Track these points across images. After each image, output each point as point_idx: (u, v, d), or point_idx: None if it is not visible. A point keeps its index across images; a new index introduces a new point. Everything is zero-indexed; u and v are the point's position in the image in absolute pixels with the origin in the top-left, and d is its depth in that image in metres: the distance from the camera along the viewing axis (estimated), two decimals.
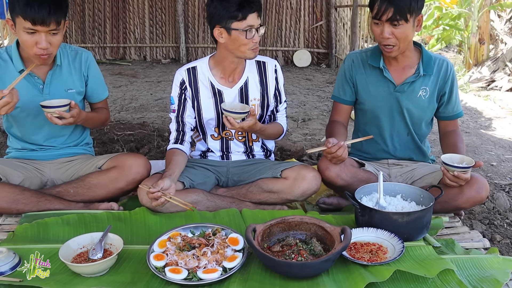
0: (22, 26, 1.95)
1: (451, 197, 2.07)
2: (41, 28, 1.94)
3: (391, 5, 2.02)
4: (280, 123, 2.39)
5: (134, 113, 4.79)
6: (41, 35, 1.96)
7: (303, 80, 6.81)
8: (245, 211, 2.12)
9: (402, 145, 2.34)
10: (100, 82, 2.38)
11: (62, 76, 2.22)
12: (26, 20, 1.92)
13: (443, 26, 8.65)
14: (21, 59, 2.13)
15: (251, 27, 2.06)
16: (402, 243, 1.74)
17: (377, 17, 2.07)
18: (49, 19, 1.93)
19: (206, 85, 2.25)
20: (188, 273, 1.57)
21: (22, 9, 1.91)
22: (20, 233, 1.90)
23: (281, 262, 1.58)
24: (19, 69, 2.12)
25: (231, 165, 2.36)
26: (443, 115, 2.31)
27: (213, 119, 2.29)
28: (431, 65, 2.22)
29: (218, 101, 2.26)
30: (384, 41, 2.10)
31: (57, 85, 2.20)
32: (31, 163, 2.26)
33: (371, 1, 2.10)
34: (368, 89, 2.29)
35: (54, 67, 2.18)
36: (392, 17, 2.03)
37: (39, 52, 2.00)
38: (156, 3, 8.16)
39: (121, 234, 1.79)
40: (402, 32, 2.07)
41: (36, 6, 1.90)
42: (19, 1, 1.91)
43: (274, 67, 2.33)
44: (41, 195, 2.12)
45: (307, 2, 7.96)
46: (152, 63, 8.13)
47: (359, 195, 1.97)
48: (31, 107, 2.16)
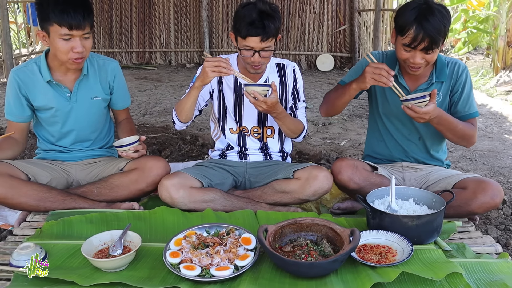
0: (58, 34, 2.07)
1: (464, 202, 2.08)
2: (77, 33, 2.08)
3: (427, 35, 1.98)
4: (300, 119, 2.45)
5: (158, 117, 4.91)
6: (76, 40, 2.10)
7: (326, 84, 6.83)
8: (259, 212, 2.19)
9: (413, 149, 2.36)
10: (124, 91, 2.51)
11: (89, 84, 2.34)
12: (62, 26, 2.05)
13: (470, 29, 8.52)
14: (48, 69, 2.25)
15: (250, 48, 2.14)
16: (411, 246, 1.77)
17: (411, 46, 2.03)
18: (84, 23, 2.08)
19: (231, 76, 2.36)
20: (201, 270, 1.64)
21: (58, 16, 2.04)
22: (46, 229, 2.01)
23: (290, 261, 1.64)
24: (46, 79, 2.25)
25: (248, 166, 2.44)
26: (455, 115, 2.25)
27: (232, 106, 2.39)
28: (444, 71, 2.22)
29: (238, 93, 2.37)
30: (414, 65, 2.09)
31: (84, 93, 2.33)
32: (58, 164, 2.39)
33: (402, 24, 2.04)
34: (383, 92, 2.32)
35: (81, 76, 2.30)
36: (428, 47, 2.01)
37: (75, 56, 2.12)
38: (181, 9, 8.32)
39: (140, 232, 1.88)
40: (432, 56, 2.08)
41: (72, 12, 2.04)
42: (54, 10, 2.04)
43: (292, 67, 2.43)
44: (66, 194, 2.24)
45: (330, 7, 7.97)
46: (177, 67, 8.29)
47: (371, 198, 2.01)
48: (60, 114, 2.31)
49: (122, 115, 2.56)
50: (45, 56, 2.26)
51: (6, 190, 2.09)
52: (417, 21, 1.98)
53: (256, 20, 2.08)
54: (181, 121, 2.31)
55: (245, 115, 2.40)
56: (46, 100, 2.28)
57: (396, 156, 2.40)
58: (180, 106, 2.27)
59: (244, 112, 2.39)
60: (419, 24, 1.97)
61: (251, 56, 2.16)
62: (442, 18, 1.99)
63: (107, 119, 2.51)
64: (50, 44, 2.14)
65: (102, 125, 2.47)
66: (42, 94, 2.27)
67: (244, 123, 2.41)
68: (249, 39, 2.12)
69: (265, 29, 2.10)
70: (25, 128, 2.37)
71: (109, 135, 2.55)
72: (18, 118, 2.31)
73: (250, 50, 2.15)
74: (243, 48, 2.16)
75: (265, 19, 2.09)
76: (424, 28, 1.97)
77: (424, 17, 1.97)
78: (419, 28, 1.97)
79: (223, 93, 2.39)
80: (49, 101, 2.28)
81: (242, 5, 2.17)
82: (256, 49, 2.14)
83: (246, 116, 2.40)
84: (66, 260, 1.79)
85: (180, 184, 2.16)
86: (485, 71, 7.55)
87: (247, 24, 2.09)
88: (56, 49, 2.13)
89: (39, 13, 2.10)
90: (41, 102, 2.28)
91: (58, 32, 2.07)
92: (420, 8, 2.01)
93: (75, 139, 2.39)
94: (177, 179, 2.18)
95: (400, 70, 2.26)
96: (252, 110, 2.37)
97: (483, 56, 9.67)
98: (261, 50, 2.15)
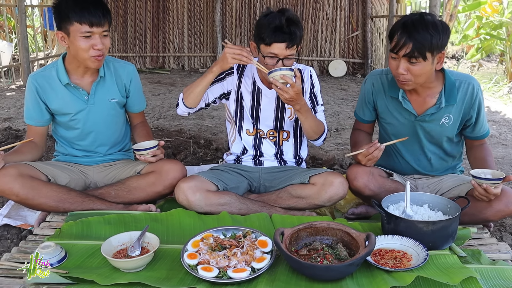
0: (79, 32, 2.11)
1: (479, 209, 2.08)
2: (97, 30, 2.12)
3: (410, 40, 1.93)
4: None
5: (172, 121, 4.96)
6: (96, 37, 2.14)
7: (338, 90, 6.84)
8: (274, 216, 2.21)
9: (424, 166, 2.35)
10: (140, 95, 2.55)
11: (105, 87, 2.38)
12: (83, 24, 2.10)
13: (484, 36, 8.48)
14: (66, 72, 2.29)
15: (275, 55, 2.14)
16: (426, 251, 1.78)
17: (394, 50, 2.00)
18: (104, 19, 2.14)
19: (249, 79, 2.39)
20: (219, 271, 1.66)
21: (78, 14, 2.09)
22: (66, 230, 2.05)
23: (307, 264, 1.66)
24: (64, 82, 2.29)
25: (263, 171, 2.46)
26: (470, 136, 2.27)
27: (249, 108, 2.41)
28: (454, 93, 2.14)
29: (255, 96, 2.39)
30: (398, 76, 2.05)
31: (101, 95, 2.37)
32: (76, 166, 2.44)
33: (391, 32, 2.04)
34: (390, 113, 2.29)
35: (98, 78, 2.34)
36: (410, 53, 1.95)
37: (95, 53, 2.16)
38: (195, 14, 8.41)
39: (157, 233, 1.91)
40: (418, 69, 1.99)
41: (92, 9, 2.10)
42: (74, 8, 2.09)
43: (309, 72, 2.44)
44: (85, 195, 2.28)
45: (343, 13, 8.00)
46: (190, 72, 8.36)
47: (386, 203, 2.02)
48: (78, 117, 2.36)
49: (137, 119, 2.60)
50: (62, 60, 2.31)
51: (27, 191, 2.13)
52: (403, 26, 1.97)
53: (283, 26, 2.09)
54: (186, 105, 2.31)
55: (262, 118, 2.42)
56: (64, 104, 2.32)
57: (408, 172, 2.38)
58: (190, 88, 2.28)
59: (261, 116, 2.42)
60: (405, 29, 1.96)
61: (274, 64, 2.16)
62: (433, 30, 1.93)
63: (124, 122, 2.55)
64: (70, 44, 2.17)
65: (120, 128, 2.51)
66: (60, 98, 2.31)
67: (260, 126, 2.44)
68: (274, 46, 2.12)
69: (292, 36, 2.11)
70: (44, 132, 2.42)
71: (126, 138, 2.59)
72: (37, 122, 2.36)
73: (274, 57, 2.15)
74: (267, 55, 2.15)
75: (291, 25, 2.11)
76: (409, 33, 1.94)
77: (411, 24, 1.96)
78: (403, 33, 1.95)
79: (241, 96, 2.41)
80: (67, 104, 2.32)
81: (264, 14, 2.18)
82: (280, 56, 2.14)
83: (263, 120, 2.43)
84: (86, 259, 1.83)
85: (197, 187, 2.19)
86: (498, 77, 7.51)
87: (273, 30, 2.09)
88: (77, 48, 2.16)
89: (58, 14, 2.14)
90: (59, 105, 2.33)
91: (79, 30, 2.11)
92: (411, 17, 2.00)
93: (94, 141, 2.43)
94: (193, 182, 2.21)
95: (405, 94, 2.19)
96: (269, 113, 2.40)
97: (496, 63, 9.61)
98: (285, 58, 2.15)
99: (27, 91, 2.34)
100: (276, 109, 2.41)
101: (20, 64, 6.97)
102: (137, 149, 2.29)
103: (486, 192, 1.99)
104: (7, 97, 6.11)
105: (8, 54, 7.31)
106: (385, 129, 2.37)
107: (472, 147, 2.32)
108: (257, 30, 2.17)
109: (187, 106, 2.32)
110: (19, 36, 6.86)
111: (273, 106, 2.40)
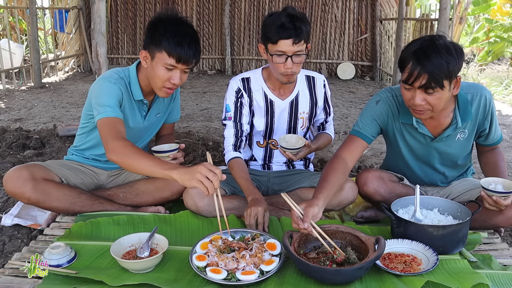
0: (164, 62, 2.04)
1: (490, 216, 2.05)
2: (181, 66, 2.06)
3: (424, 71, 1.78)
4: (328, 132, 2.51)
5: (180, 123, 4.97)
6: (177, 72, 2.07)
7: (346, 93, 6.83)
8: (283, 219, 2.20)
9: (436, 180, 2.31)
10: (178, 105, 2.52)
11: (158, 103, 2.35)
12: (171, 57, 2.02)
13: (494, 38, 8.43)
14: (140, 88, 2.22)
15: (282, 53, 2.12)
16: (436, 256, 1.76)
17: (408, 82, 1.85)
18: (192, 59, 2.06)
19: (259, 94, 2.35)
20: (227, 273, 1.66)
21: (171, 47, 2.01)
22: (75, 230, 2.06)
23: (316, 267, 1.65)
24: (138, 98, 2.22)
25: (271, 175, 2.46)
26: (483, 144, 2.22)
27: (262, 127, 2.39)
28: (468, 110, 2.03)
29: (269, 110, 2.37)
30: (415, 107, 1.91)
31: (153, 112, 2.35)
32: (89, 168, 2.42)
33: (401, 61, 1.89)
34: (403, 138, 2.18)
35: (157, 97, 2.31)
36: (426, 85, 1.81)
37: (169, 86, 2.10)
38: (203, 16, 8.44)
39: (166, 235, 1.91)
40: (436, 99, 1.86)
41: (186, 46, 2.02)
42: (169, 40, 2.00)
43: (323, 82, 2.44)
44: (95, 198, 2.28)
45: (352, 15, 7.99)
46: (198, 74, 8.38)
47: (395, 207, 2.01)
48: (133, 132, 2.28)
49: (167, 130, 2.55)
50: (136, 71, 2.22)
51: (38, 195, 2.14)
52: (415, 55, 1.82)
53: (286, 22, 2.07)
54: None
55: (275, 130, 2.42)
56: (128, 117, 2.25)
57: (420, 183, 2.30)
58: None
59: (275, 128, 2.41)
60: (416, 58, 1.80)
61: (283, 63, 2.14)
62: (447, 55, 1.78)
63: None
64: (150, 67, 2.11)
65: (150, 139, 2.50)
66: (127, 110, 2.24)
67: (273, 137, 2.44)
68: (280, 43, 2.10)
69: (297, 31, 2.08)
70: None
71: (147, 146, 2.56)
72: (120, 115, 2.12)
73: (282, 55, 2.13)
74: (275, 54, 2.13)
75: (295, 21, 2.09)
76: (421, 63, 1.79)
77: (423, 51, 1.80)
78: (415, 63, 1.80)
79: (253, 114, 2.38)
80: (130, 118, 2.26)
81: (269, 14, 2.18)
82: (288, 53, 2.12)
83: (276, 131, 2.42)
84: (95, 260, 1.84)
85: None
86: (509, 81, 7.45)
87: (278, 28, 2.08)
88: (154, 74, 2.09)
89: (151, 34, 2.07)
90: (124, 118, 2.20)
91: (164, 60, 2.04)
92: (422, 43, 1.84)
93: None
94: None
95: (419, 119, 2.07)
96: (282, 125, 2.41)
97: (507, 66, 9.53)
98: (294, 54, 2.12)
99: (108, 86, 2.13)
100: (289, 119, 2.41)
101: (30, 65, 7.04)
102: (156, 151, 2.23)
103: (496, 204, 1.94)
104: (18, 98, 6.16)
105: (19, 56, 7.38)
106: (396, 151, 2.27)
107: (484, 152, 2.28)
108: (264, 31, 2.17)
109: None
110: (30, 37, 6.94)
111: (286, 117, 2.40)
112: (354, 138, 2.14)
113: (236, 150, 2.30)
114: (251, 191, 2.12)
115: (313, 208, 1.78)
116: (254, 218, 2.02)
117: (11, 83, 7.05)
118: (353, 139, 2.14)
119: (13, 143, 3.82)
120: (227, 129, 2.34)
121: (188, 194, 2.19)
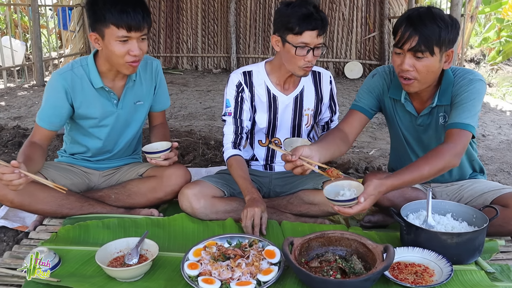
0: (115, 36, 1.92)
1: (506, 221, 1.89)
2: (135, 34, 1.93)
3: (415, 32, 1.78)
4: None
5: (183, 121, 4.86)
6: (134, 42, 1.95)
7: (353, 92, 6.68)
8: (284, 223, 2.07)
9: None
10: (165, 91, 2.37)
11: (134, 89, 2.21)
12: (120, 28, 1.90)
13: (505, 38, 8.24)
14: (99, 74, 2.09)
15: (306, 44, 2.00)
16: (450, 266, 1.62)
17: (398, 45, 1.84)
18: (143, 23, 1.94)
19: (262, 89, 2.22)
20: (221, 284, 1.53)
21: (116, 17, 1.88)
22: (62, 234, 1.94)
23: (318, 278, 1.51)
24: (98, 85, 2.09)
25: (274, 176, 2.33)
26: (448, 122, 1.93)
27: (265, 123, 2.26)
28: (448, 92, 1.94)
29: (272, 106, 2.23)
30: (403, 73, 1.87)
31: (129, 98, 2.20)
32: (80, 168, 2.29)
33: (395, 27, 1.89)
34: (398, 116, 2.12)
35: (129, 82, 2.17)
36: (416, 47, 1.79)
37: (131, 59, 1.97)
38: (208, 14, 8.32)
39: (158, 240, 1.79)
40: (425, 65, 1.83)
41: (131, 12, 1.89)
42: (112, 10, 1.88)
43: (329, 78, 2.32)
44: (84, 199, 2.16)
45: (360, 13, 7.83)
46: (203, 72, 8.27)
47: (405, 212, 1.87)
48: (106, 122, 2.18)
49: (158, 119, 2.41)
50: (93, 59, 2.09)
51: (22, 198, 2.01)
52: (408, 19, 1.82)
53: (313, 13, 1.96)
54: None
55: (279, 127, 2.28)
56: (93, 108, 2.13)
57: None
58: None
59: (278, 125, 2.27)
60: (410, 21, 1.81)
61: (305, 55, 2.01)
62: (441, 22, 1.78)
63: (143, 124, 2.37)
64: (103, 47, 1.98)
65: (139, 131, 2.35)
66: (90, 101, 2.12)
67: (276, 135, 2.30)
68: (305, 34, 1.97)
69: (323, 22, 1.99)
70: (53, 137, 2.20)
71: (140, 142, 2.44)
72: (52, 126, 2.12)
73: (304, 47, 2.00)
74: (298, 45, 2.00)
75: (319, 12, 1.99)
76: (414, 25, 1.79)
77: (417, 16, 1.81)
78: (408, 25, 1.80)
79: (255, 110, 2.25)
80: (96, 108, 2.13)
81: (285, 4, 2.03)
82: (311, 45, 1.99)
83: (279, 129, 2.28)
84: (80, 267, 1.71)
85: (202, 194, 2.06)
86: None
87: (303, 18, 1.96)
88: (111, 53, 1.96)
89: (93, 13, 1.94)
90: (88, 109, 2.12)
91: (115, 34, 1.91)
92: (417, 10, 1.85)
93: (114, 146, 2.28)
94: (198, 188, 2.08)
95: (407, 95, 2.04)
96: (286, 122, 2.27)
97: None
98: (315, 47, 2.01)
99: (50, 91, 2.09)
100: (293, 116, 2.27)
101: (33, 63, 6.96)
102: (148, 152, 2.10)
103: (340, 212, 1.69)
104: (19, 96, 6.09)
105: (21, 53, 7.31)
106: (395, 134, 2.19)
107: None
108: (282, 21, 2.01)
109: None
110: (32, 35, 6.86)
111: (290, 114, 2.26)
112: (352, 111, 2.14)
113: (236, 147, 2.17)
114: (249, 191, 2.00)
115: (304, 148, 1.71)
116: (250, 219, 1.89)
117: (13, 81, 6.97)
118: (351, 112, 2.14)
119: (9, 141, 3.72)
120: (226, 125, 2.22)
121: (184, 195, 2.07)
